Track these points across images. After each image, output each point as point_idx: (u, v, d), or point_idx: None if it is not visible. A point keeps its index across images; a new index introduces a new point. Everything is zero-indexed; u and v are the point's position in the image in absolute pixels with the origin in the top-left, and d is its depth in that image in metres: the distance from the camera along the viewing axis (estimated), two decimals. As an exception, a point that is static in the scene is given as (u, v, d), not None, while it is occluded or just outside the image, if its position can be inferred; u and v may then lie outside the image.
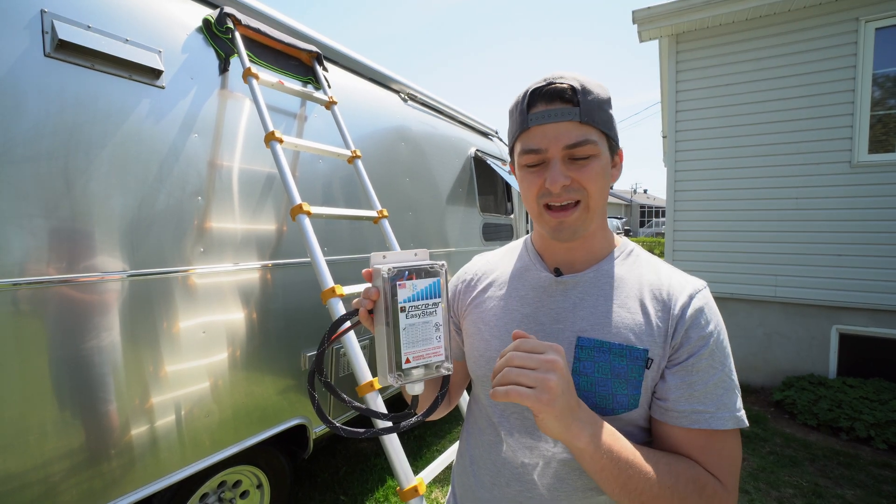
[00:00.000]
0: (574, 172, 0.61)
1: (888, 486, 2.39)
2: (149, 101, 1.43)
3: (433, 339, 0.58)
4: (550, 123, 0.60)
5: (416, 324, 0.57)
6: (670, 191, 4.18)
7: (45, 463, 1.17)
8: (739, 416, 0.58)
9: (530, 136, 0.62)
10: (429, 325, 0.58)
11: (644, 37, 4.08)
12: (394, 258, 0.60)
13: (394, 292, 0.55)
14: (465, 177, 3.35)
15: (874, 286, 3.35)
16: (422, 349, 0.57)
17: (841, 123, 3.44)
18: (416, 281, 0.57)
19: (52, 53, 1.22)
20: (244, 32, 1.78)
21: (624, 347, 0.61)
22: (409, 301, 0.56)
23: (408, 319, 0.56)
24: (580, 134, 0.59)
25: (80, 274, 1.24)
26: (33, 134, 1.17)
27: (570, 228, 0.63)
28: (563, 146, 0.60)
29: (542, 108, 0.60)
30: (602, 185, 0.62)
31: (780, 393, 3.44)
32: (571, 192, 0.61)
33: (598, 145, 0.60)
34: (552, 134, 0.60)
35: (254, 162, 1.76)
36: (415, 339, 0.56)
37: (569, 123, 0.59)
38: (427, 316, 0.58)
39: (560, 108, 0.59)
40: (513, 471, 0.66)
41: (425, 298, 0.58)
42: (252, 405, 1.69)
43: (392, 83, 2.70)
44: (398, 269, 0.56)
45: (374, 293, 0.57)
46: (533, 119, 0.61)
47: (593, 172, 0.61)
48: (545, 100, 0.60)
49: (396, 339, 0.55)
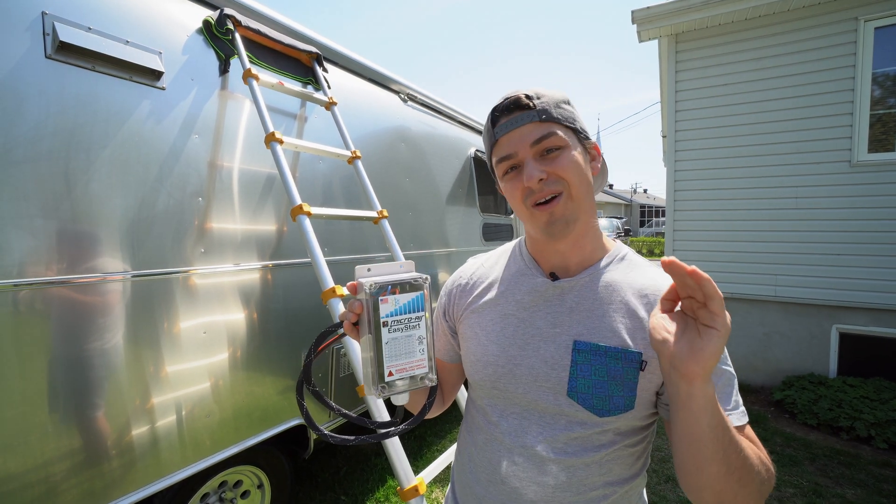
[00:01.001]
0: (548, 166, 0.64)
1: (889, 485, 2.39)
2: (149, 103, 1.43)
3: (416, 352, 0.59)
4: (514, 129, 0.65)
5: (399, 338, 0.58)
6: (670, 190, 4.18)
7: (45, 463, 1.18)
8: (739, 410, 0.59)
9: (500, 146, 0.67)
10: (412, 339, 0.59)
11: (643, 37, 4.09)
12: (378, 271, 0.61)
13: (376, 307, 0.56)
14: (464, 177, 3.36)
15: (874, 285, 3.35)
16: (404, 362, 0.58)
17: (840, 123, 3.44)
18: (399, 295, 0.58)
19: (53, 55, 1.23)
20: (244, 34, 1.78)
21: (619, 351, 0.62)
22: (392, 315, 0.57)
23: (390, 334, 0.57)
24: (542, 129, 0.64)
25: (81, 275, 1.25)
26: (34, 135, 1.18)
27: (561, 219, 0.64)
28: (529, 144, 0.64)
29: (504, 119, 0.67)
30: (580, 175, 0.65)
31: (781, 392, 3.44)
32: (551, 184, 0.64)
33: (562, 137, 0.65)
34: (517, 137, 0.65)
35: (254, 163, 1.76)
36: (397, 352, 0.58)
37: (530, 125, 0.65)
38: (410, 330, 0.59)
39: (518, 115, 0.65)
40: (508, 469, 0.67)
41: (408, 312, 0.59)
42: (253, 405, 1.69)
43: (392, 83, 2.71)
44: (380, 284, 0.57)
45: (358, 307, 0.58)
46: (498, 131, 0.67)
47: (567, 161, 0.64)
48: (505, 112, 0.66)
49: (379, 353, 0.56)
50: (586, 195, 0.66)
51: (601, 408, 0.62)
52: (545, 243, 0.70)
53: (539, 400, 0.65)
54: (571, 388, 0.63)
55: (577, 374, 0.63)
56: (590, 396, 0.62)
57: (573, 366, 0.63)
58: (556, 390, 0.64)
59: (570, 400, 0.63)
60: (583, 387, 0.62)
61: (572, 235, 0.67)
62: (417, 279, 0.60)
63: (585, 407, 0.62)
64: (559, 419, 0.64)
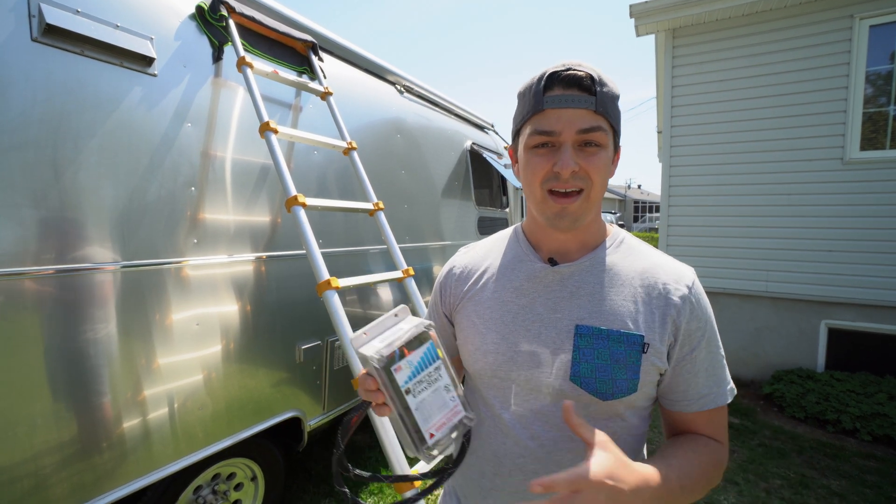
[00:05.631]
0: (582, 160, 0.61)
1: (872, 476, 2.45)
2: (140, 89, 1.40)
3: (447, 401, 0.55)
4: (567, 108, 0.60)
5: (426, 398, 0.54)
6: (665, 186, 4.20)
7: (35, 456, 1.16)
8: (731, 387, 0.67)
9: (545, 117, 0.61)
10: (439, 391, 0.55)
11: (641, 31, 4.08)
12: (375, 332, 0.56)
13: (392, 379, 0.52)
14: (460, 170, 3.34)
15: (863, 281, 3.40)
16: (440, 417, 0.55)
17: (834, 120, 3.46)
18: (411, 356, 0.54)
19: (40, 38, 1.19)
20: (238, 20, 1.74)
21: (622, 334, 0.62)
22: (411, 380, 0.53)
23: (416, 398, 0.53)
24: (594, 121, 0.60)
25: (71, 265, 1.22)
26: (20, 122, 1.14)
27: (571, 216, 0.63)
28: (576, 130, 0.60)
29: (560, 93, 0.60)
30: (605, 177, 0.64)
31: (770, 386, 3.50)
32: (577, 179, 0.61)
33: (607, 136, 0.62)
34: (567, 118, 0.60)
35: (248, 152, 1.73)
36: (430, 412, 0.54)
37: (584, 111, 0.60)
38: (434, 384, 0.55)
39: (577, 95, 0.60)
40: (514, 461, 0.66)
41: (426, 368, 0.55)
42: (246, 398, 1.68)
43: (388, 74, 2.67)
44: (388, 356, 0.52)
45: (373, 383, 0.54)
46: (549, 101, 0.60)
47: (600, 163, 0.62)
48: (563, 84, 0.60)
49: (412, 420, 0.52)
50: (601, 197, 0.65)
51: (605, 391, 0.62)
52: (546, 229, 0.69)
53: (542, 386, 0.65)
54: (575, 372, 0.63)
55: (581, 359, 0.63)
56: (593, 380, 0.62)
57: (576, 350, 0.63)
58: (559, 375, 0.64)
59: (573, 384, 0.63)
60: (586, 371, 0.62)
61: (564, 235, 0.67)
62: (423, 330, 0.55)
63: (589, 391, 0.62)
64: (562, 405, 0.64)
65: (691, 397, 0.64)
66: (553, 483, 0.48)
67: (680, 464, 0.59)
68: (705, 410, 0.64)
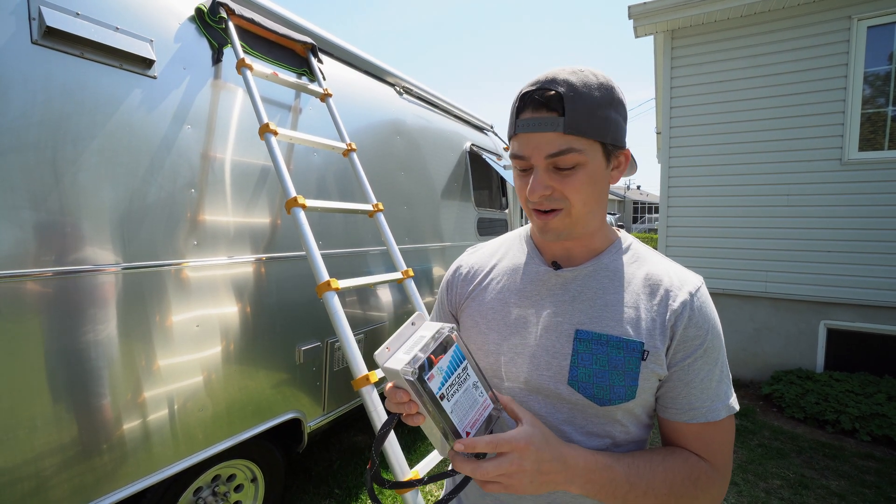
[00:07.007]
0: (557, 182, 0.61)
1: (871, 476, 2.45)
2: (140, 92, 1.40)
3: (477, 398, 0.56)
4: (534, 133, 0.59)
5: (460, 398, 0.55)
6: (664, 187, 4.20)
7: (35, 458, 1.16)
8: (731, 403, 0.63)
9: (518, 141, 0.62)
10: (468, 390, 0.56)
11: (640, 32, 4.09)
12: (397, 344, 0.57)
13: (426, 389, 0.52)
14: (460, 171, 3.34)
15: (862, 282, 3.41)
16: (474, 414, 0.55)
17: (832, 121, 3.47)
18: (440, 363, 0.54)
19: (40, 41, 1.19)
20: (238, 22, 1.75)
21: (621, 340, 0.62)
22: (444, 385, 0.53)
23: (451, 401, 0.53)
24: (563, 143, 0.58)
25: (71, 267, 1.22)
26: (20, 124, 1.15)
27: (553, 231, 0.64)
28: (544, 156, 0.60)
29: (528, 116, 0.60)
30: (587, 194, 0.62)
31: (769, 387, 3.50)
32: (553, 200, 0.62)
33: (583, 154, 0.59)
34: (534, 143, 0.60)
35: (248, 154, 1.74)
36: (465, 411, 0.55)
37: (553, 134, 0.58)
38: (464, 383, 0.56)
39: (544, 118, 0.58)
40: None
41: (455, 370, 0.55)
42: (246, 399, 1.68)
43: (387, 76, 2.68)
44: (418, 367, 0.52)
45: (404, 396, 0.54)
46: (519, 126, 0.61)
47: (578, 182, 0.60)
48: (532, 107, 0.60)
49: (449, 423, 0.53)
50: (589, 211, 0.64)
51: (602, 397, 0.62)
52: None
53: (540, 389, 0.65)
54: (573, 376, 0.63)
55: (579, 363, 0.63)
56: (590, 385, 0.62)
57: (574, 354, 0.63)
58: (557, 379, 0.64)
59: (570, 388, 0.63)
60: (584, 376, 0.62)
61: (566, 242, 0.68)
62: (445, 334, 0.56)
63: (586, 396, 0.62)
64: (561, 408, 0.65)
65: (681, 407, 0.62)
66: (474, 444, 0.51)
67: (637, 462, 0.59)
68: (694, 423, 0.62)
